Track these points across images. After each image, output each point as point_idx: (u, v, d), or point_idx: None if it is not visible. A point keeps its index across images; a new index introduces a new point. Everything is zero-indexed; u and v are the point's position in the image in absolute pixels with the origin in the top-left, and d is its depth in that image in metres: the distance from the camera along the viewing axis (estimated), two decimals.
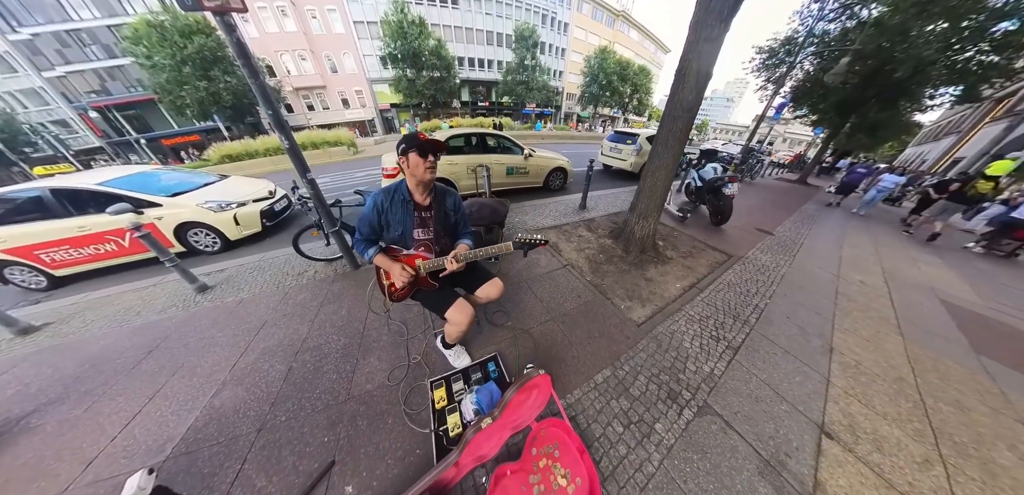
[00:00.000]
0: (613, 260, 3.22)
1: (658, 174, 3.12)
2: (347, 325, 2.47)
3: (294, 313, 2.69)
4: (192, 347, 2.38)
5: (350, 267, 3.31)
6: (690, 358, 2.11)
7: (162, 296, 3.13)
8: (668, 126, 2.90)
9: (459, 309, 1.57)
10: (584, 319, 2.39)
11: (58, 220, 3.82)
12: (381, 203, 1.49)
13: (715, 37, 2.44)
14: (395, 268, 1.52)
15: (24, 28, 23.51)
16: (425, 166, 1.39)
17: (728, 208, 4.58)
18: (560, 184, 6.56)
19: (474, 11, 32.85)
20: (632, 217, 3.42)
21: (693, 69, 2.58)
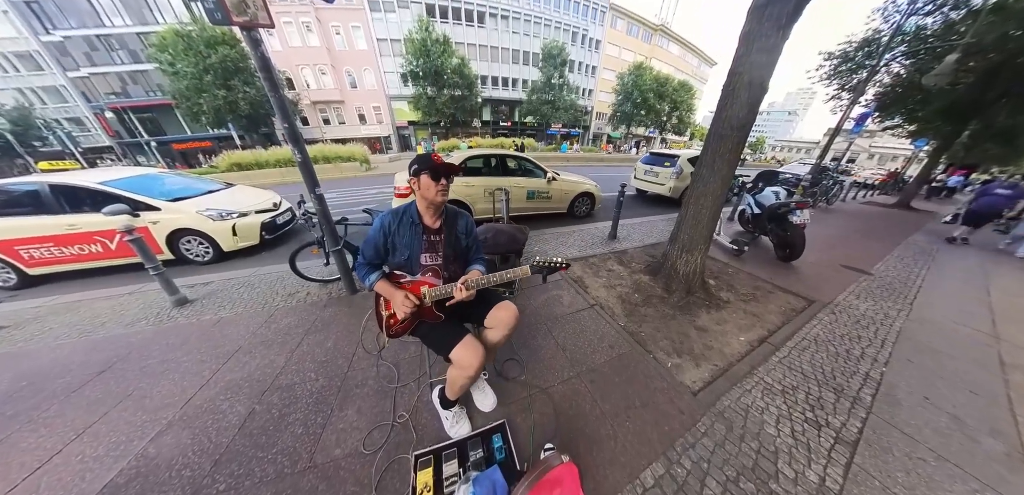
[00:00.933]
0: (652, 301, 2.88)
1: (704, 200, 2.85)
2: (330, 362, 2.25)
3: (274, 340, 2.51)
4: (150, 370, 2.22)
5: (347, 291, 3.18)
6: (781, 455, 1.62)
7: (135, 307, 3.05)
8: (714, 146, 2.70)
9: (467, 348, 1.38)
10: (619, 378, 2.06)
11: (48, 216, 3.90)
12: (388, 224, 1.48)
13: (771, 47, 2.29)
14: (397, 296, 1.43)
15: (57, 30, 26.43)
16: (437, 189, 1.39)
17: (798, 240, 4.10)
18: (587, 211, 6.35)
19: (500, 30, 34.71)
20: (673, 249, 3.11)
21: (744, 82, 2.42)
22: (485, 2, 33.16)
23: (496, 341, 1.50)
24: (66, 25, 26.49)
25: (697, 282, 2.96)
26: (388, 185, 10.98)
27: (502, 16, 34.35)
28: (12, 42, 26.61)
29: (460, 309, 1.54)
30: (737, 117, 2.52)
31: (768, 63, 2.35)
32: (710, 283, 3.20)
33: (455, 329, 1.46)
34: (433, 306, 1.50)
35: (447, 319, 1.52)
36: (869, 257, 4.73)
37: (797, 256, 4.15)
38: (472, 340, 1.41)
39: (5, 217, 3.86)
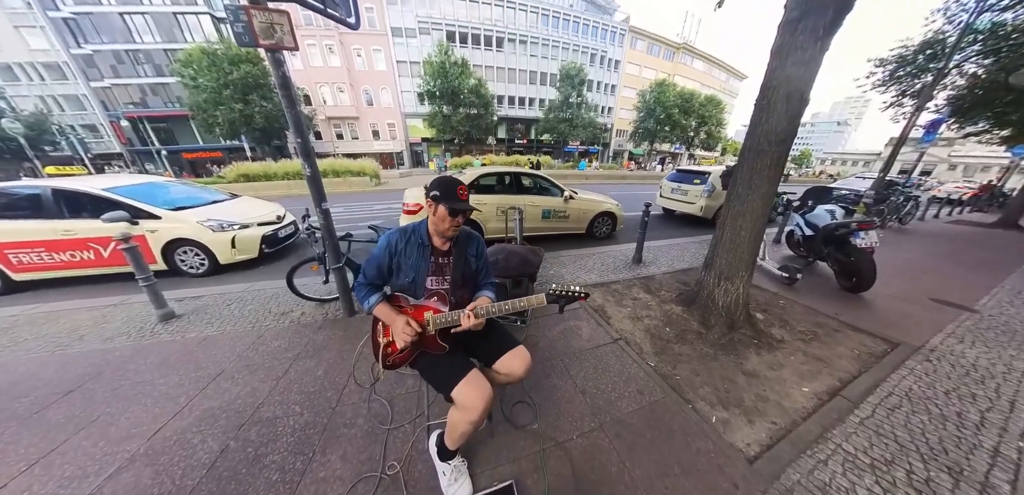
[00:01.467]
0: (687, 337, 2.63)
1: (742, 220, 2.65)
2: (318, 394, 2.09)
3: (260, 365, 2.39)
4: (123, 392, 2.12)
5: (344, 313, 3.09)
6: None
7: (118, 320, 3.01)
8: (751, 161, 2.56)
9: (473, 385, 1.28)
10: (652, 433, 1.81)
11: (44, 221, 3.97)
12: (396, 243, 1.46)
13: (808, 59, 2.24)
14: (398, 322, 1.37)
15: (88, 44, 28.88)
16: (450, 224, 1.37)
17: (866, 267, 3.65)
18: (608, 232, 6.17)
19: (518, 54, 36.29)
20: (709, 277, 2.88)
21: (780, 95, 2.34)
22: (504, 28, 35.05)
23: (501, 383, 1.44)
24: (98, 40, 28.90)
25: (741, 315, 2.70)
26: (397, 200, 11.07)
27: (520, 41, 36.02)
28: (43, 53, 29.14)
29: (466, 340, 1.46)
30: (775, 131, 2.41)
31: (806, 75, 2.29)
32: (757, 317, 2.90)
33: (459, 363, 1.35)
34: (437, 335, 1.40)
35: (451, 351, 1.42)
36: (969, 289, 4.07)
37: (866, 286, 3.68)
38: (478, 376, 1.31)
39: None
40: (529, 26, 36.27)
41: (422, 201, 4.96)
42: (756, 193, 2.56)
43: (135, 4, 28.54)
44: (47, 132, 25.00)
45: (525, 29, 35.95)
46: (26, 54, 29.00)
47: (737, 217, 2.65)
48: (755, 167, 2.53)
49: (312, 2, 2.32)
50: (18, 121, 19.65)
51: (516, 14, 35.54)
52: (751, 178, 2.56)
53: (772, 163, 2.49)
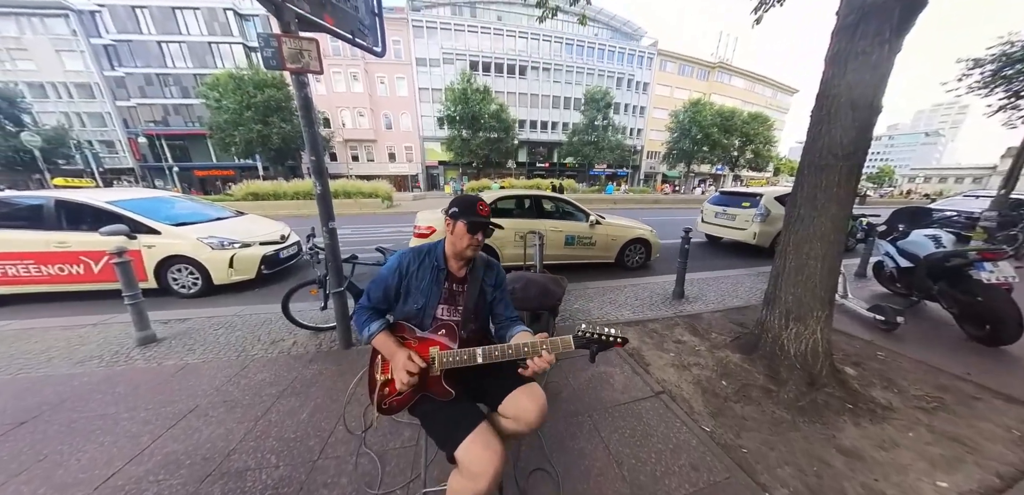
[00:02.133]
0: (751, 395, 2.25)
1: (809, 247, 2.33)
2: (299, 441, 1.87)
3: (239, 401, 2.21)
4: (80, 427, 1.96)
5: (340, 344, 2.94)
6: None
7: (94, 341, 2.94)
8: (813, 179, 2.32)
9: (482, 443, 1.10)
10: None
11: (38, 232, 4.05)
12: (408, 265, 1.40)
13: (875, 64, 2.07)
14: (399, 357, 1.24)
15: (122, 67, 31.90)
16: (469, 242, 1.32)
17: (1006, 310, 2.91)
18: (641, 261, 5.82)
19: (541, 80, 37.71)
20: (773, 316, 2.52)
21: (843, 104, 2.16)
22: (527, 58, 36.87)
23: (512, 433, 1.23)
24: (132, 64, 31.97)
25: (823, 368, 2.30)
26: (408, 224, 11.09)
27: (544, 68, 37.47)
28: (77, 75, 32.23)
29: (475, 382, 1.32)
30: (840, 143, 2.19)
31: (873, 81, 2.11)
32: (848, 372, 2.48)
33: (466, 413, 1.19)
34: (442, 377, 1.25)
35: (458, 397, 1.25)
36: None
37: (1010, 336, 2.90)
38: (489, 432, 1.13)
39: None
40: (553, 55, 37.88)
41: (435, 224, 4.85)
42: (824, 214, 2.27)
43: (174, 33, 31.71)
44: (64, 146, 27.11)
45: (549, 58, 37.61)
46: (61, 75, 32.06)
47: (802, 243, 2.33)
48: (819, 185, 2.28)
49: (341, 32, 2.54)
50: (38, 135, 21.37)
51: (540, 44, 37.37)
52: (815, 197, 2.30)
53: (841, 180, 2.23)
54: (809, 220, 2.31)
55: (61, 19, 31.27)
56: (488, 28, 36.01)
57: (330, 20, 2.48)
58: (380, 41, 2.85)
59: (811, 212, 2.30)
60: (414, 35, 33.37)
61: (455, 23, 35.18)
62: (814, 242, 2.28)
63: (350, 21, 2.62)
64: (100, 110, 32.84)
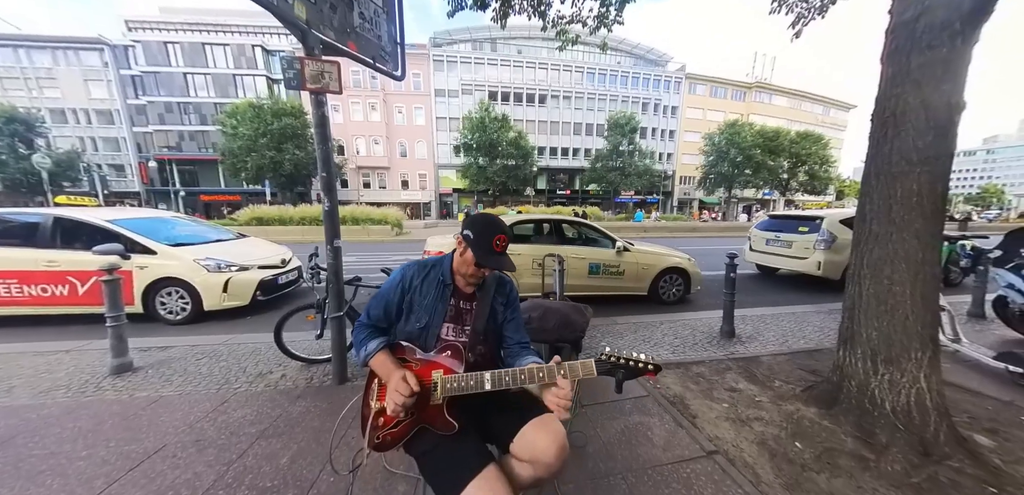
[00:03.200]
0: (838, 462, 1.86)
1: (889, 270, 2.04)
2: (275, 491, 1.66)
3: (213, 441, 2.04)
4: (29, 467, 1.82)
5: (334, 380, 2.78)
6: None
7: (64, 369, 2.89)
8: (883, 190, 2.11)
9: (486, 488, 1.00)
10: None
11: (26, 250, 4.13)
12: (411, 279, 1.38)
13: (945, 58, 1.92)
14: (395, 378, 1.15)
15: (145, 96, 34.65)
16: (474, 274, 1.31)
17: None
18: (679, 295, 5.45)
19: (562, 108, 38.82)
20: (854, 358, 2.17)
21: (912, 105, 2.01)
22: (547, 87, 38.30)
23: (527, 481, 1.09)
24: (155, 93, 34.78)
25: (940, 432, 1.92)
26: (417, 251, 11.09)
27: (564, 96, 38.72)
28: (100, 102, 35.04)
29: (483, 417, 1.23)
30: (914, 147, 2.00)
31: (947, 77, 1.95)
32: (980, 442, 2.06)
33: (472, 452, 1.09)
34: (445, 406, 1.15)
35: (463, 432, 1.14)
36: None
37: None
38: (498, 478, 1.03)
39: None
40: (574, 83, 39.23)
41: (445, 249, 4.75)
42: (906, 230, 1.98)
43: (200, 66, 34.80)
44: (73, 169, 28.87)
45: (570, 86, 38.91)
46: (85, 101, 35.04)
47: (880, 265, 2.03)
48: (893, 195, 2.03)
49: (363, 57, 2.75)
50: (49, 157, 22.83)
51: (561, 74, 38.81)
52: (890, 209, 2.04)
53: (921, 189, 1.97)
54: (886, 238, 2.03)
55: (95, 52, 34.56)
56: (508, 61, 37.82)
57: (353, 46, 2.69)
58: (401, 67, 3.09)
59: (887, 228, 2.03)
60: (434, 68, 35.55)
61: (475, 57, 37.28)
62: (897, 263, 1.98)
63: (372, 48, 2.85)
64: (116, 135, 35.58)
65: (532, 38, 38.61)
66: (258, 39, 34.60)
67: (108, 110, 35.24)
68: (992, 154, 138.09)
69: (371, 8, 2.89)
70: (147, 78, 34.09)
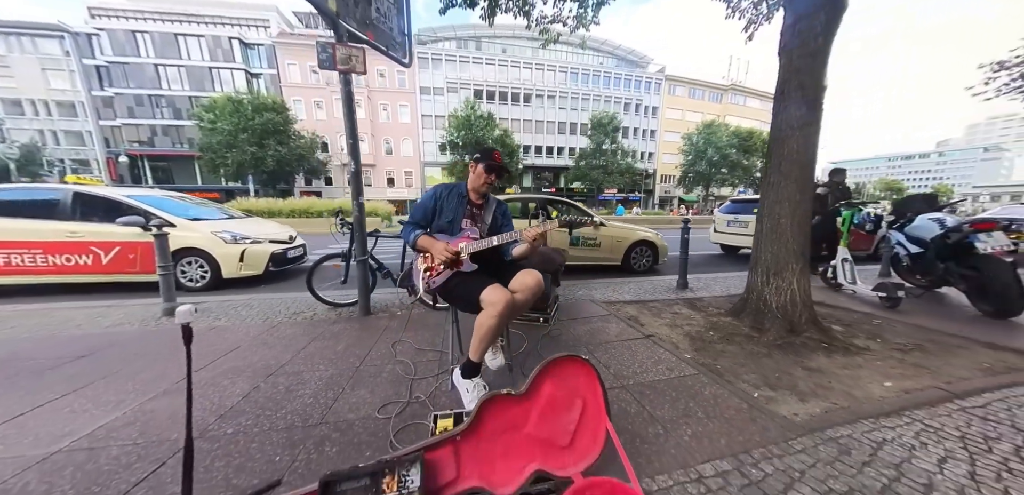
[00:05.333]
0: (735, 339, 2.74)
1: (778, 209, 2.94)
2: (340, 358, 2.39)
3: (276, 343, 2.71)
4: (135, 357, 2.45)
5: (360, 313, 3.43)
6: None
7: (116, 315, 3.41)
8: (777, 150, 3.01)
9: (496, 289, 1.71)
10: (677, 394, 1.96)
11: (50, 222, 4.54)
12: (441, 194, 2.12)
13: (814, 51, 2.83)
14: (437, 246, 1.91)
15: (112, 88, 33.68)
16: (485, 180, 2.05)
17: (1006, 277, 3.27)
18: (648, 265, 6.38)
19: (546, 107, 39.79)
20: (756, 276, 3.07)
21: (793, 85, 2.89)
22: (532, 86, 39.25)
23: (521, 303, 1.80)
24: (124, 85, 33.79)
25: (803, 317, 2.80)
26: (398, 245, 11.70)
27: (549, 96, 39.75)
28: (61, 93, 33.76)
29: (489, 268, 1.97)
30: (795, 116, 2.87)
31: (815, 65, 2.85)
32: (834, 328, 2.96)
33: (487, 280, 1.80)
34: (469, 260, 1.94)
35: (479, 272, 1.93)
36: None
37: (1014, 306, 3.25)
38: (499, 285, 1.75)
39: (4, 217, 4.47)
40: (558, 83, 40.35)
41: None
42: (789, 179, 2.89)
43: (173, 58, 34.03)
44: (35, 163, 28.18)
45: (554, 86, 40.00)
46: (43, 92, 33.71)
47: (774, 205, 2.94)
48: (782, 153, 2.94)
49: (379, 46, 3.46)
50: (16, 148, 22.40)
51: (545, 73, 39.85)
52: (780, 165, 2.95)
53: (798, 147, 2.87)
54: (777, 185, 2.93)
55: (55, 40, 33.23)
56: (493, 60, 38.77)
57: (371, 36, 3.38)
58: (408, 54, 3.87)
59: (778, 178, 2.93)
60: (419, 66, 36.11)
61: (460, 55, 38.11)
62: (783, 203, 2.88)
63: (386, 38, 3.57)
64: (81, 129, 34.49)
65: (517, 37, 39.61)
66: (235, 31, 34.39)
67: (70, 102, 34.11)
68: (943, 157, 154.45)
69: (385, 3, 3.59)
70: (114, 69, 33.28)
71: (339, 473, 1.00)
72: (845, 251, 4.37)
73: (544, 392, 1.27)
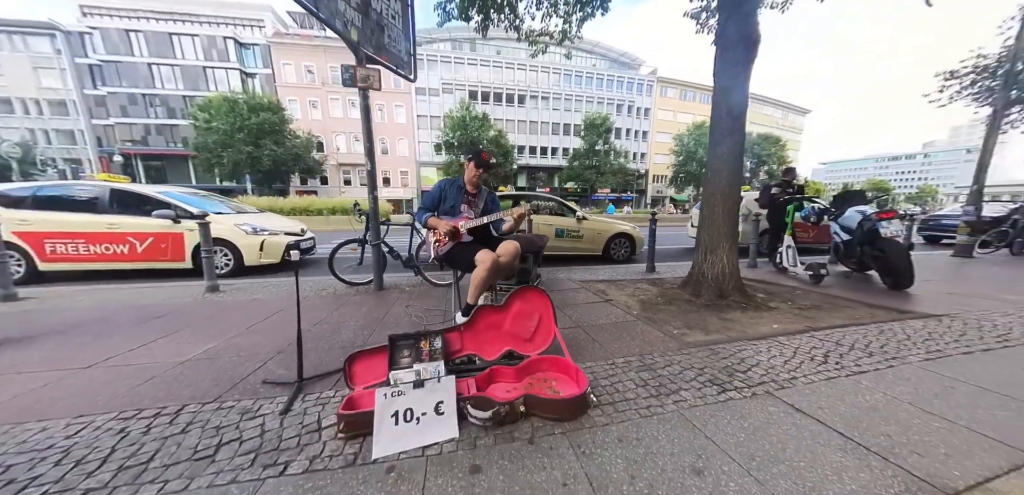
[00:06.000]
0: (676, 302, 3.51)
1: (714, 200, 3.72)
2: (365, 316, 3.14)
3: (312, 308, 3.41)
4: (199, 318, 3.15)
5: (375, 288, 4.18)
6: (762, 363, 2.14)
7: (162, 294, 4.03)
8: (714, 152, 3.79)
9: (485, 253, 2.43)
10: (618, 332, 2.71)
11: (91, 214, 5.19)
12: (445, 186, 2.84)
13: (737, 75, 3.60)
14: (442, 224, 2.62)
15: (105, 87, 33.94)
16: (476, 173, 2.76)
17: (899, 257, 4.08)
18: (625, 255, 7.14)
19: (540, 109, 40.62)
20: (699, 255, 3.84)
21: (721, 103, 3.70)
22: (526, 88, 40.05)
23: (504, 264, 2.47)
24: (117, 84, 34.03)
25: (730, 285, 3.56)
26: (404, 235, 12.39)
27: (543, 97, 40.60)
28: (53, 92, 33.90)
29: (480, 241, 2.68)
30: (724, 128, 3.67)
31: (738, 85, 3.62)
32: (758, 295, 3.74)
33: (478, 246, 2.54)
34: (466, 233, 2.67)
35: (474, 242, 2.66)
36: None
37: (904, 279, 4.08)
38: (488, 250, 2.45)
39: (51, 211, 5.12)
40: (552, 84, 41.25)
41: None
42: (721, 176, 3.67)
43: (167, 57, 34.45)
44: (28, 162, 28.45)
45: (548, 87, 40.92)
46: (34, 91, 33.89)
47: (710, 196, 3.71)
48: (717, 155, 3.71)
49: (389, 65, 4.29)
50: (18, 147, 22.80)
51: (539, 75, 40.70)
52: (715, 164, 3.74)
53: (728, 153, 3.65)
54: (713, 180, 3.71)
55: (46, 38, 33.40)
56: (487, 61, 39.68)
57: (384, 58, 4.17)
58: (413, 71, 4.74)
59: (713, 176, 3.70)
60: None
61: (455, 56, 38.95)
62: (717, 195, 3.65)
63: (396, 58, 4.40)
64: (72, 128, 34.73)
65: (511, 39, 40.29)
66: (230, 31, 34.89)
67: (62, 101, 34.34)
68: (928, 158, 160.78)
69: (395, 30, 4.37)
70: (107, 68, 33.60)
71: (398, 335, 1.73)
72: (789, 239, 5.16)
73: (514, 307, 2.01)
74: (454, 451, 1.35)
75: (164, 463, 1.30)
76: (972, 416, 1.59)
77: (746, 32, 3.49)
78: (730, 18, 3.56)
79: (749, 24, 3.52)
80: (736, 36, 3.48)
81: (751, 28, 3.53)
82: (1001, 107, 8.21)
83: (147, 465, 1.29)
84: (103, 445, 1.40)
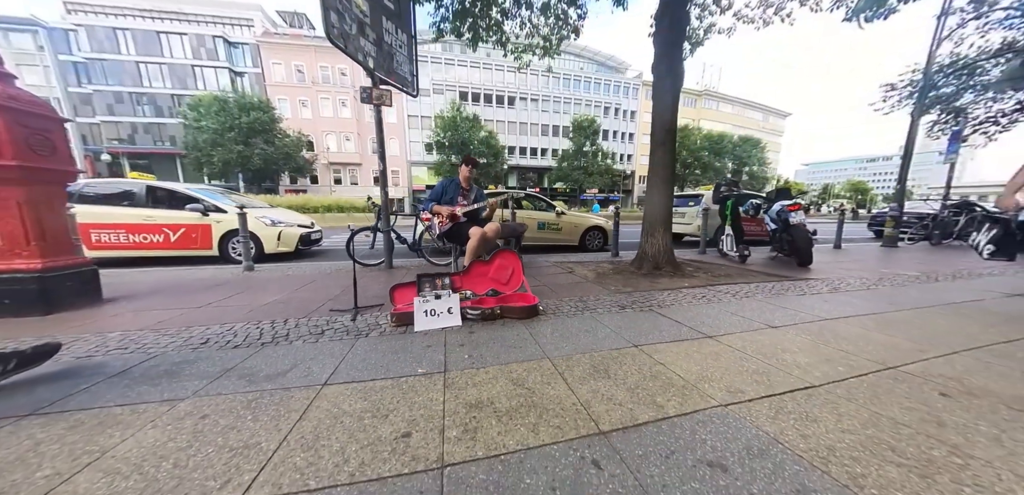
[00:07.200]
0: (623, 274, 4.56)
1: (653, 191, 4.82)
2: (385, 282, 4.14)
3: (338, 278, 4.39)
4: (250, 286, 4.11)
5: (385, 267, 5.17)
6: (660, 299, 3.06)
7: (205, 275, 4.86)
8: (654, 150, 4.82)
9: (475, 230, 3.51)
10: (571, 289, 3.76)
11: (131, 208, 6.10)
12: (446, 184, 4.02)
13: (670, 70, 4.60)
14: (444, 209, 3.69)
15: (91, 85, 34.13)
16: (465, 173, 3.90)
17: (801, 240, 5.19)
18: (600, 245, 8.27)
19: (530, 110, 41.84)
20: (644, 237, 4.91)
21: (659, 122, 4.71)
22: (516, 89, 41.17)
23: (490, 237, 3.49)
24: (103, 82, 34.25)
25: (664, 259, 4.63)
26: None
27: (532, 99, 41.87)
28: (34, 89, 33.61)
29: (473, 222, 3.71)
30: (660, 136, 4.71)
31: (667, 104, 4.64)
32: (686, 267, 4.84)
33: (471, 224, 3.58)
34: (462, 217, 3.64)
35: (468, 222, 3.68)
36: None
37: (804, 257, 5.22)
38: (477, 227, 3.48)
39: (97, 204, 6.01)
40: (541, 87, 42.48)
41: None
42: (658, 175, 4.76)
43: (155, 55, 34.78)
44: None
45: (537, 89, 42.15)
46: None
47: (651, 188, 4.81)
48: (656, 158, 4.77)
49: (396, 85, 5.29)
50: None
51: (528, 77, 41.87)
52: (654, 156, 4.80)
53: (665, 154, 4.69)
54: (653, 173, 4.79)
55: (28, 34, 33.45)
56: (478, 62, 40.67)
57: (393, 79, 5.18)
58: (416, 87, 5.87)
59: (653, 174, 4.79)
60: None
61: (445, 57, 39.93)
62: (654, 187, 4.76)
63: (402, 79, 5.46)
64: None
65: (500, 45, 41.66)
66: (219, 30, 35.37)
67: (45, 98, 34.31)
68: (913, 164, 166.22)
69: (402, 54, 5.39)
70: (93, 65, 33.90)
71: (422, 273, 2.78)
72: (728, 228, 6.29)
73: (496, 262, 3.06)
74: (459, 329, 2.42)
75: (299, 336, 2.34)
76: (766, 319, 2.73)
77: (673, 68, 4.61)
78: (660, 61, 4.66)
79: (676, 63, 4.63)
80: (665, 71, 4.58)
81: (677, 66, 4.64)
82: (917, 116, 9.71)
83: (287, 337, 2.32)
84: (251, 334, 2.42)
